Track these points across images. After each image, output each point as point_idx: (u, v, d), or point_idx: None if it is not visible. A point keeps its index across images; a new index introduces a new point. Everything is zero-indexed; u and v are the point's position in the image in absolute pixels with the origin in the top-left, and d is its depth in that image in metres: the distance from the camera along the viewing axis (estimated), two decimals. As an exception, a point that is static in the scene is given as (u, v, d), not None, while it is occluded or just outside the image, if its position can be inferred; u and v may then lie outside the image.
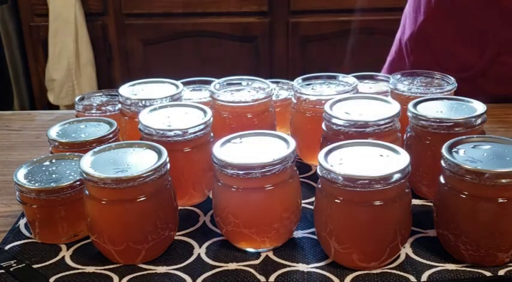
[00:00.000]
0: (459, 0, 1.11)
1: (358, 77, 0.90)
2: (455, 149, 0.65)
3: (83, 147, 0.76)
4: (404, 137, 0.77)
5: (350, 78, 0.87)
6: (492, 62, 1.07)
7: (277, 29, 2.37)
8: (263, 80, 0.87)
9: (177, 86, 0.87)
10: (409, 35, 1.20)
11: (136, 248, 0.65)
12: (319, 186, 0.65)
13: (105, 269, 0.65)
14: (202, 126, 0.73)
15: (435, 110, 0.75)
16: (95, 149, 0.68)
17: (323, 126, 0.76)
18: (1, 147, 0.98)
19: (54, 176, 0.70)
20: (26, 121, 1.09)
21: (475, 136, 0.68)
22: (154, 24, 2.40)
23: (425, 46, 1.18)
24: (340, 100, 0.78)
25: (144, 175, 0.63)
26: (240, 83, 0.88)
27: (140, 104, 0.82)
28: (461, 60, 1.13)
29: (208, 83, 0.92)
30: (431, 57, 1.16)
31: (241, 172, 0.64)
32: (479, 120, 0.72)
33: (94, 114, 0.90)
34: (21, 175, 0.70)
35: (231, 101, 0.82)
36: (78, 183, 0.68)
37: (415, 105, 0.76)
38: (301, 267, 0.65)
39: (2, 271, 0.65)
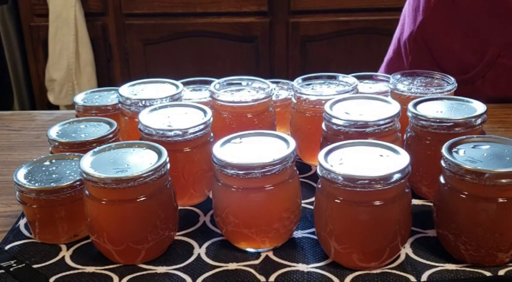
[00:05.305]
0: (461, 0, 1.10)
1: (358, 77, 0.90)
2: (455, 149, 0.65)
3: (83, 147, 0.76)
4: (404, 137, 0.77)
5: (350, 78, 0.87)
6: (492, 64, 1.06)
7: (277, 29, 2.37)
8: (263, 80, 0.87)
9: (177, 86, 0.87)
10: (408, 34, 1.18)
11: (136, 248, 0.65)
12: (319, 186, 0.64)
13: (105, 269, 0.65)
14: (202, 126, 0.73)
15: (435, 110, 0.75)
16: (95, 149, 0.68)
17: (323, 126, 0.76)
18: (1, 147, 0.98)
19: (54, 176, 0.70)
20: (26, 121, 1.09)
21: (475, 136, 0.68)
22: (154, 24, 2.39)
23: (425, 46, 1.16)
24: (340, 100, 0.78)
25: (144, 175, 0.63)
26: (240, 83, 0.88)
27: (140, 104, 0.82)
28: (461, 61, 1.12)
29: (208, 83, 0.92)
30: (430, 58, 1.15)
31: (241, 172, 0.63)
32: (479, 120, 0.72)
33: (94, 114, 0.90)
34: (21, 175, 0.70)
35: (231, 101, 0.82)
36: (78, 183, 0.68)
37: (415, 105, 0.76)
38: (301, 267, 0.65)
39: (2, 271, 0.65)
